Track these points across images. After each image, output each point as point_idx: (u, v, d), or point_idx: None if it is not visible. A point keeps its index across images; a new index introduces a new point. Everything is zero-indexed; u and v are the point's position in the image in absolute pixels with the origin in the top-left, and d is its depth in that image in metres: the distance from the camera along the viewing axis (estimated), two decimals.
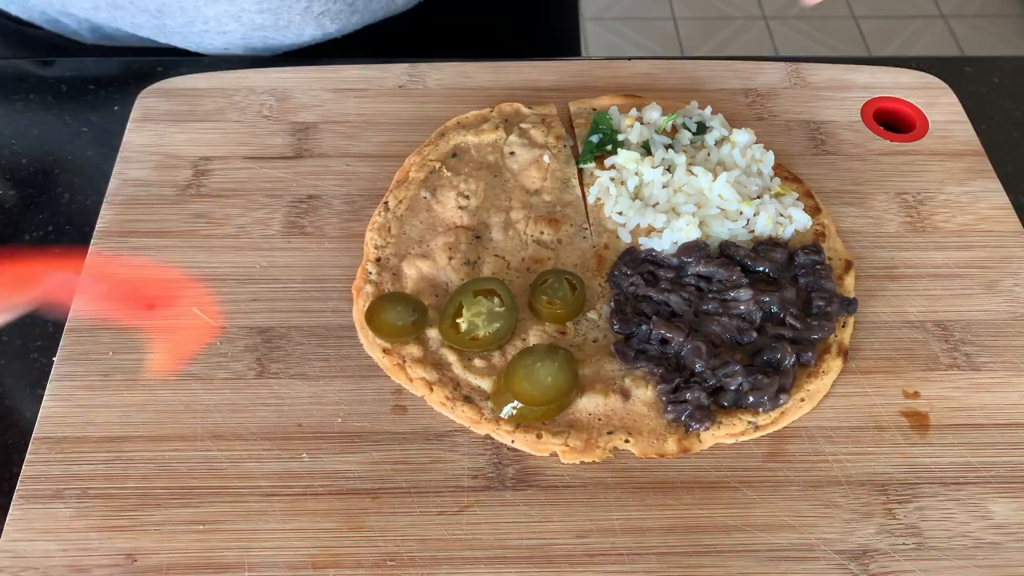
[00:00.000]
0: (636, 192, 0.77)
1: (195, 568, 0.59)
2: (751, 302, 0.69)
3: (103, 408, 0.66)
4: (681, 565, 0.60)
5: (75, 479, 0.62)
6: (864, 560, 0.60)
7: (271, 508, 0.61)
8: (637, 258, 0.73)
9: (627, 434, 0.65)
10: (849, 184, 0.82)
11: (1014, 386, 0.69)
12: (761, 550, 0.60)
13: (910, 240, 0.78)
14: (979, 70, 0.94)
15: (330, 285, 0.73)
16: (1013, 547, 0.61)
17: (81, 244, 0.76)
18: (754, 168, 0.78)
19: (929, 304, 0.73)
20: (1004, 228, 0.79)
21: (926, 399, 0.68)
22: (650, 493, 0.63)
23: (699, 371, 0.66)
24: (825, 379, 0.68)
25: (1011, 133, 0.88)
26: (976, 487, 0.64)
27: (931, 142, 0.85)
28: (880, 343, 0.71)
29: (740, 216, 0.74)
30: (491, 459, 0.64)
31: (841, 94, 0.89)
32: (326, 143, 0.83)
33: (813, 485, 0.63)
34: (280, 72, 0.88)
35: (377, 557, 0.60)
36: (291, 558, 0.59)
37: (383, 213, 0.77)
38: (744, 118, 0.86)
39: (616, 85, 0.88)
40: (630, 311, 0.70)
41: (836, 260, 0.75)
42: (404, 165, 0.80)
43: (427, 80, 0.88)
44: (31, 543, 0.60)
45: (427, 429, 0.65)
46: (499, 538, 0.60)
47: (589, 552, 0.60)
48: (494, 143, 0.81)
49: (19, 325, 0.72)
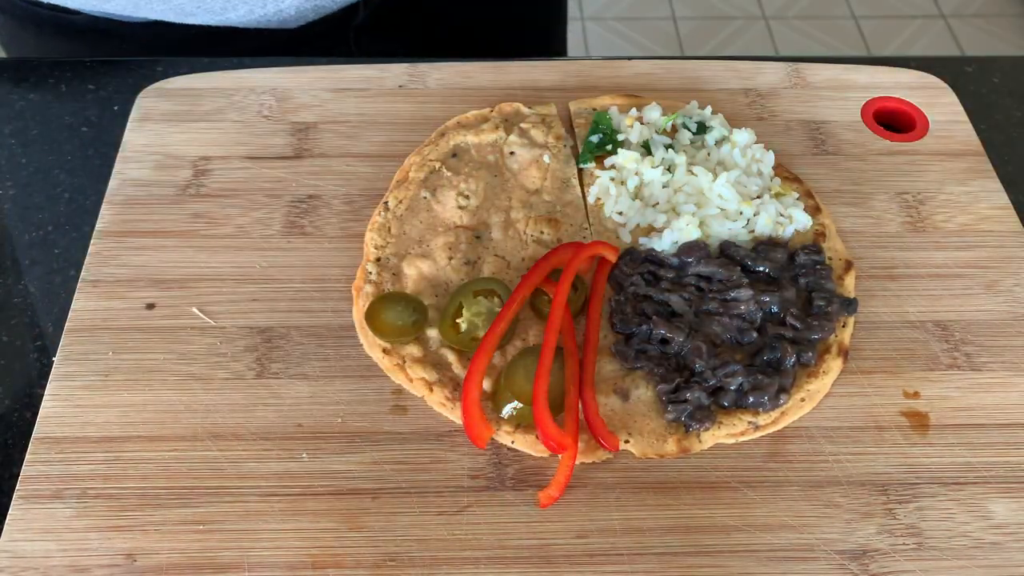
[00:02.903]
0: (636, 192, 0.77)
1: (195, 568, 0.59)
2: (751, 302, 0.69)
3: (103, 408, 0.66)
4: (681, 565, 0.60)
5: (75, 479, 0.62)
6: (864, 560, 0.60)
7: (271, 508, 0.61)
8: (637, 258, 0.73)
9: (627, 434, 0.65)
10: (849, 184, 0.82)
11: (1014, 386, 0.69)
12: (761, 550, 0.60)
13: (910, 240, 0.78)
14: (979, 70, 0.94)
15: (330, 285, 0.73)
16: (1013, 547, 0.61)
17: (81, 244, 0.76)
18: (754, 168, 0.78)
19: (929, 304, 0.73)
20: (1004, 228, 0.79)
21: (926, 399, 0.68)
22: (650, 493, 0.63)
23: (699, 371, 0.66)
24: (825, 379, 0.68)
25: (1011, 133, 0.88)
26: (976, 487, 0.64)
27: (931, 142, 0.85)
28: (880, 343, 0.71)
29: (740, 216, 0.74)
30: (491, 459, 0.64)
31: (841, 94, 0.88)
32: (326, 143, 0.83)
33: (813, 485, 0.63)
34: (280, 72, 0.88)
35: (377, 557, 0.60)
36: (291, 558, 0.59)
37: (383, 213, 0.77)
38: (744, 118, 0.86)
39: (616, 85, 0.88)
40: (630, 311, 0.70)
41: (836, 260, 0.75)
42: (404, 165, 0.80)
43: (427, 80, 0.88)
44: (31, 543, 0.60)
45: (427, 429, 0.65)
46: (499, 538, 0.60)
47: (589, 552, 0.60)
48: (494, 143, 0.81)
49: (19, 325, 0.72)
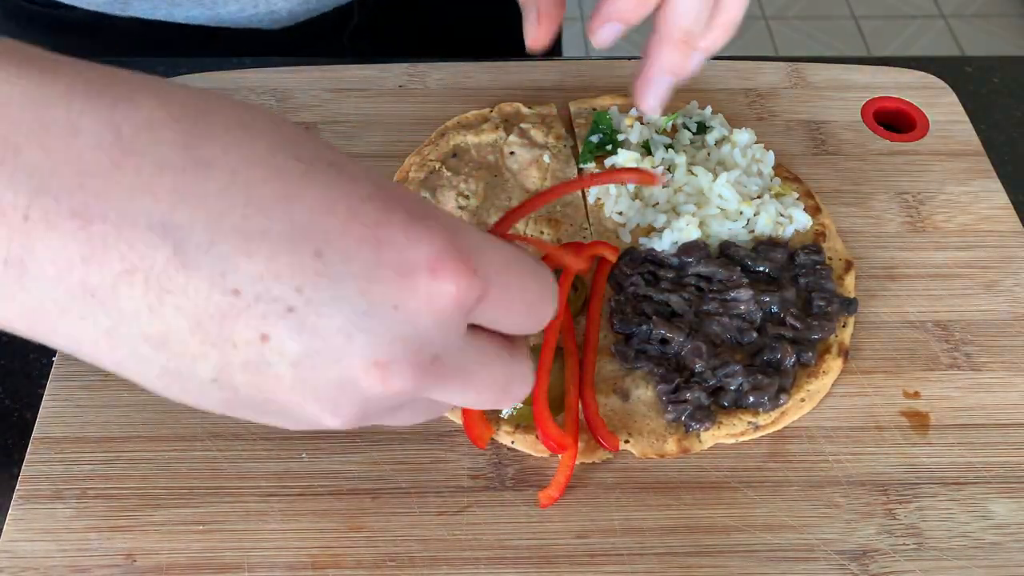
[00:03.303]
0: (636, 192, 0.77)
1: (195, 568, 0.59)
2: (751, 302, 0.69)
3: (103, 408, 0.66)
4: (681, 565, 0.60)
5: (75, 479, 0.62)
6: (864, 560, 0.60)
7: (271, 508, 0.61)
8: (637, 258, 0.73)
9: (627, 434, 0.65)
10: (849, 184, 0.82)
11: (1014, 386, 0.69)
12: (761, 550, 0.60)
13: (910, 240, 0.78)
14: (979, 70, 0.94)
15: None
16: (1013, 547, 0.61)
17: None
18: (754, 168, 0.78)
19: (929, 304, 0.73)
20: (1004, 228, 0.79)
21: (926, 399, 0.68)
22: (650, 493, 0.63)
23: (699, 371, 0.66)
24: (825, 379, 0.68)
25: (1011, 133, 0.88)
26: (976, 487, 0.64)
27: (931, 142, 0.85)
28: (880, 343, 0.71)
29: (740, 216, 0.74)
30: (491, 459, 0.64)
31: (841, 94, 0.88)
32: None
33: (813, 485, 0.63)
34: (280, 72, 0.88)
35: (377, 557, 0.60)
36: (291, 558, 0.59)
37: None
38: (744, 118, 0.86)
39: (616, 85, 0.88)
40: (630, 311, 0.70)
41: (836, 260, 0.75)
42: (404, 165, 0.80)
43: (427, 80, 0.88)
44: (31, 543, 0.59)
45: (427, 429, 0.65)
46: (499, 538, 0.60)
47: (589, 552, 0.60)
48: (494, 143, 0.81)
49: None
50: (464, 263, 0.36)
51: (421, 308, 0.36)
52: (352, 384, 0.36)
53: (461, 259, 0.36)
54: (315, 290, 0.34)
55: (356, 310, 0.35)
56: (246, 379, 0.36)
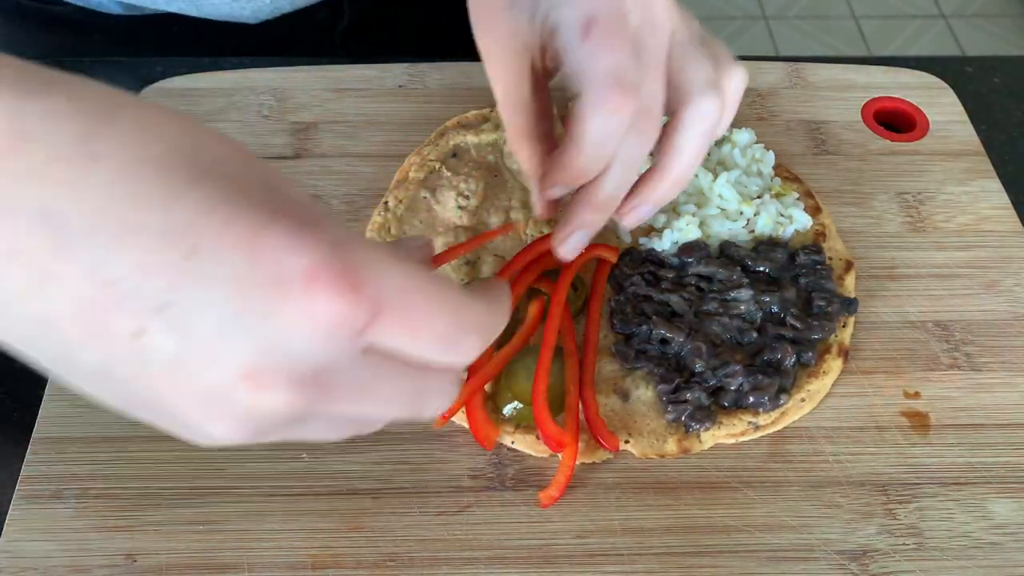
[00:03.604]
0: None
1: (195, 568, 0.59)
2: (751, 302, 0.69)
3: (103, 408, 0.65)
4: (681, 565, 0.60)
5: (75, 479, 0.62)
6: (864, 560, 0.60)
7: (271, 508, 0.61)
8: (637, 258, 0.73)
9: (627, 434, 0.65)
10: (849, 184, 0.82)
11: (1014, 386, 0.69)
12: (761, 550, 0.60)
13: (910, 240, 0.78)
14: (979, 70, 0.94)
15: None
16: (1013, 547, 0.61)
17: None
18: (754, 168, 0.78)
19: (929, 304, 0.73)
20: (1004, 228, 0.79)
21: (927, 399, 0.68)
22: (650, 493, 0.63)
23: (699, 371, 0.66)
24: (825, 379, 0.68)
25: (1011, 133, 0.88)
26: (976, 487, 0.64)
27: (931, 142, 0.85)
28: (881, 343, 0.71)
29: (740, 216, 0.74)
30: (491, 459, 0.64)
31: (841, 94, 0.88)
32: (326, 143, 0.83)
33: (813, 485, 0.63)
34: (280, 72, 0.88)
35: (377, 557, 0.60)
36: (291, 558, 0.59)
37: (383, 213, 0.77)
38: (744, 118, 0.86)
39: None
40: (630, 311, 0.70)
41: (836, 260, 0.75)
42: (404, 165, 0.80)
43: (427, 80, 0.88)
44: (31, 543, 0.60)
45: (427, 429, 0.65)
46: (499, 538, 0.61)
47: (589, 552, 0.60)
48: (494, 143, 0.81)
49: None
50: (344, 279, 0.35)
51: (294, 321, 0.35)
52: (226, 392, 0.36)
53: (341, 274, 0.35)
54: (185, 290, 0.34)
55: (225, 315, 0.34)
56: (130, 373, 0.36)
